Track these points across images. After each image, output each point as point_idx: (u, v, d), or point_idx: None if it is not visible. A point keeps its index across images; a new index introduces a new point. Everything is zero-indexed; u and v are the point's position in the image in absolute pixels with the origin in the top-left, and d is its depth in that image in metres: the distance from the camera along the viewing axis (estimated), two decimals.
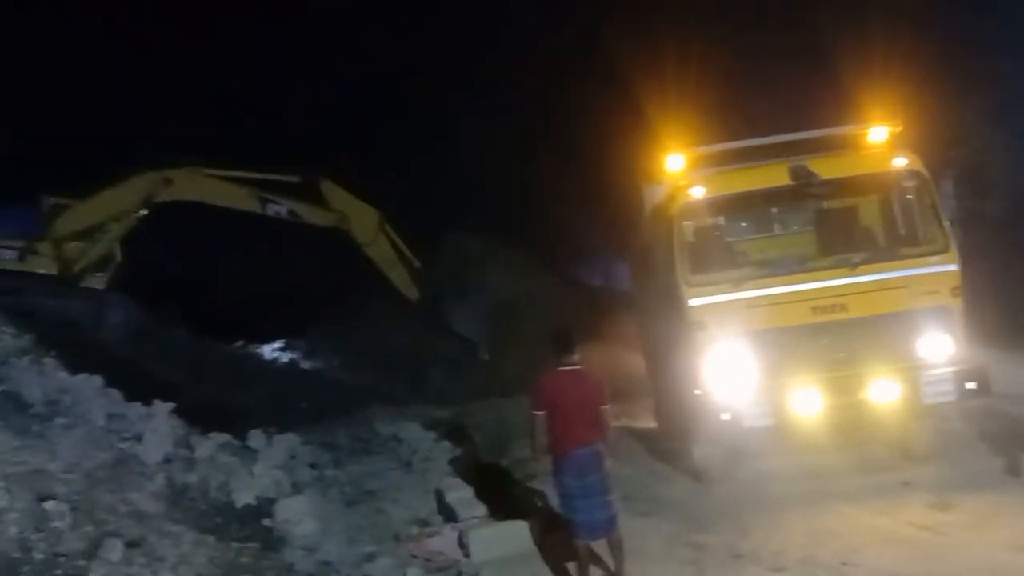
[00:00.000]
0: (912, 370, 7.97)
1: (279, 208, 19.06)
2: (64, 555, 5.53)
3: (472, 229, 25.71)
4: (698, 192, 8.52)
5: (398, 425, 11.76)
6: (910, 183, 8.49)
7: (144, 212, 18.50)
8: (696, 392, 8.35)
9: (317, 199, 19.35)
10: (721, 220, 9.17)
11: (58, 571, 5.38)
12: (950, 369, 7.95)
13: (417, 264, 20.05)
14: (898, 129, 8.69)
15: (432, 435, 11.05)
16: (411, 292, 19.98)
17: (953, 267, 8.10)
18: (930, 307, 8.04)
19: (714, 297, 8.19)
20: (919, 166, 8.42)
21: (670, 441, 10.05)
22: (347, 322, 24.18)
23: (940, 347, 8.03)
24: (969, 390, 7.93)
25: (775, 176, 8.46)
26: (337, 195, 19.36)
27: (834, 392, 7.96)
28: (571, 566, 6.62)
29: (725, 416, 7.97)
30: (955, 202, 8.70)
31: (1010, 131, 15.98)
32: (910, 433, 8.48)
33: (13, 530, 5.61)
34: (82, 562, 5.49)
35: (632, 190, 10.97)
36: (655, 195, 9.92)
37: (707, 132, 10.03)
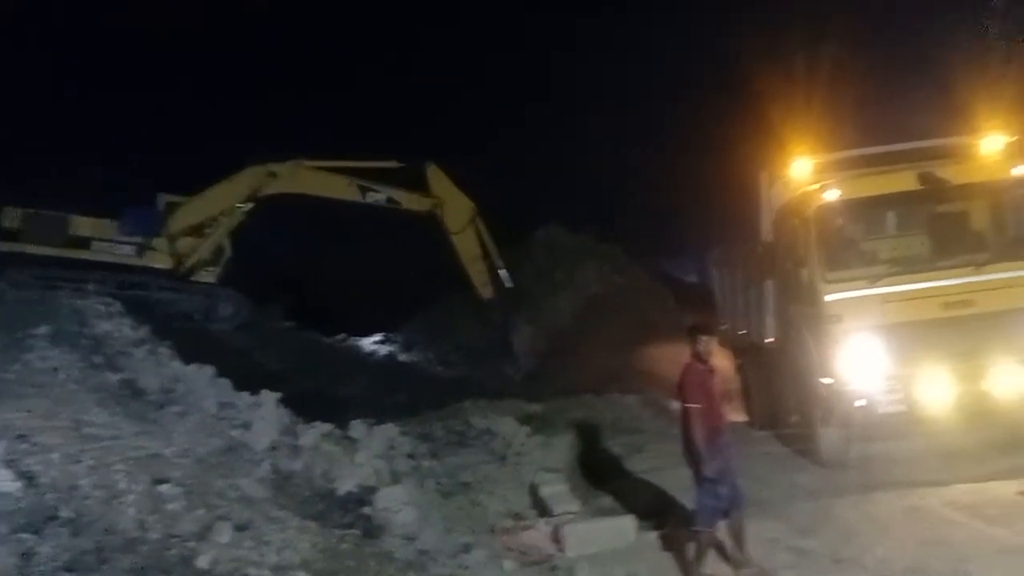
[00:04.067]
0: None
1: (378, 196, 19.47)
2: (177, 536, 5.77)
3: (568, 224, 25.70)
4: (833, 195, 9.13)
5: (492, 418, 11.84)
6: None
7: (251, 206, 19.23)
8: (827, 381, 8.87)
9: (416, 187, 19.66)
10: (851, 221, 9.75)
11: (172, 551, 5.62)
12: None
13: (500, 266, 19.97)
14: (1013, 138, 9.40)
15: (526, 429, 11.08)
16: (485, 290, 19.95)
17: None
18: None
19: (849, 293, 8.81)
20: None
21: (778, 429, 10.79)
22: (439, 319, 24.55)
23: None
24: None
25: (905, 181, 9.14)
26: (439, 180, 19.60)
27: (960, 381, 8.50)
28: (669, 563, 6.57)
29: (860, 403, 8.54)
30: None
31: None
32: None
33: (131, 511, 5.90)
34: (193, 543, 5.71)
35: (748, 192, 11.45)
36: (778, 197, 10.58)
37: (822, 140, 10.65)
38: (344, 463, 8.50)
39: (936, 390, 8.47)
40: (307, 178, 19.48)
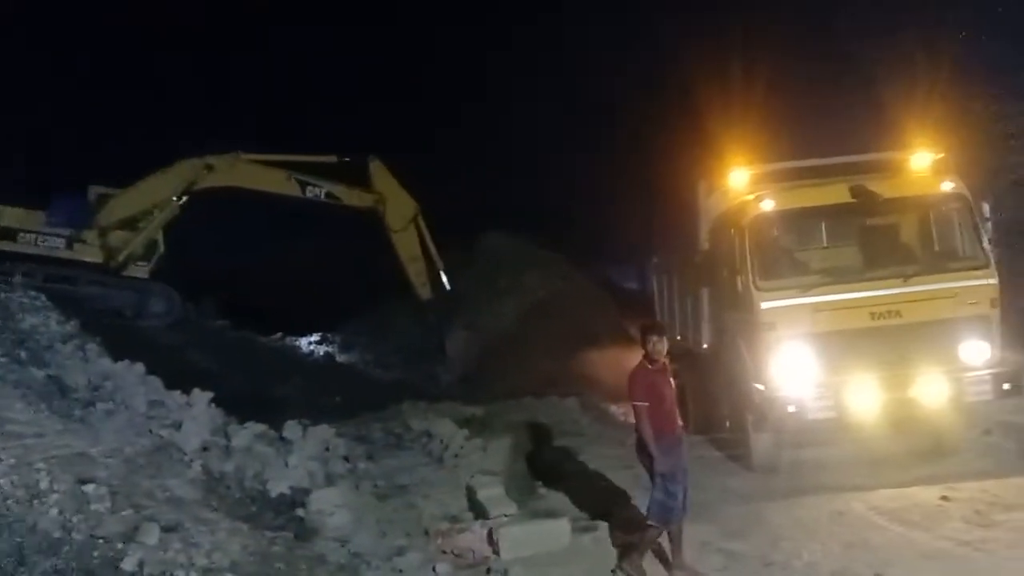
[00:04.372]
0: (956, 371, 8.84)
1: (317, 191, 19.09)
2: (103, 538, 5.62)
3: (512, 230, 25.77)
4: (769, 205, 9.33)
5: (430, 421, 11.79)
6: (956, 205, 9.43)
7: (185, 199, 18.71)
8: (760, 387, 9.01)
9: (357, 182, 19.40)
10: (785, 232, 9.93)
11: (96, 553, 5.47)
12: (989, 371, 8.85)
13: (441, 266, 19.76)
14: (940, 155, 9.71)
15: (464, 432, 11.04)
16: (424, 290, 19.73)
17: (992, 281, 9.05)
18: (972, 316, 8.94)
19: (783, 301, 8.99)
20: (964, 190, 9.36)
21: (712, 434, 11.00)
22: (379, 320, 24.35)
23: (980, 352, 8.90)
24: (1006, 390, 8.84)
25: (838, 194, 9.35)
26: (382, 176, 19.28)
27: (887, 389, 8.74)
28: (604, 566, 6.61)
29: (791, 408, 8.75)
30: (991, 222, 9.41)
31: None
32: (951, 427, 9.28)
33: (54, 511, 5.73)
34: (120, 545, 5.58)
35: (686, 201, 11.55)
36: (715, 206, 10.66)
37: (759, 151, 10.77)
38: (277, 464, 8.36)
39: (864, 397, 8.71)
40: (245, 171, 18.99)
